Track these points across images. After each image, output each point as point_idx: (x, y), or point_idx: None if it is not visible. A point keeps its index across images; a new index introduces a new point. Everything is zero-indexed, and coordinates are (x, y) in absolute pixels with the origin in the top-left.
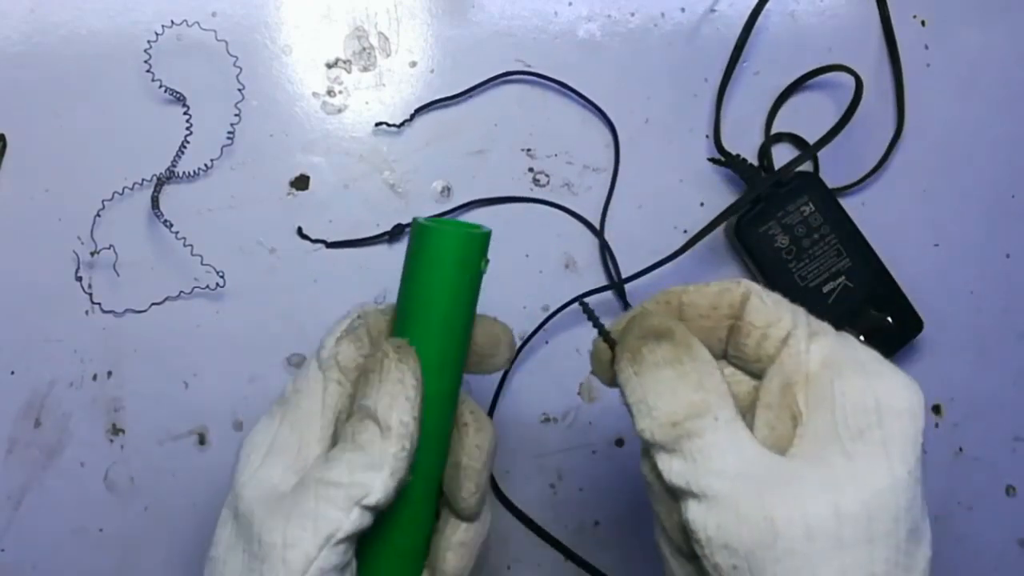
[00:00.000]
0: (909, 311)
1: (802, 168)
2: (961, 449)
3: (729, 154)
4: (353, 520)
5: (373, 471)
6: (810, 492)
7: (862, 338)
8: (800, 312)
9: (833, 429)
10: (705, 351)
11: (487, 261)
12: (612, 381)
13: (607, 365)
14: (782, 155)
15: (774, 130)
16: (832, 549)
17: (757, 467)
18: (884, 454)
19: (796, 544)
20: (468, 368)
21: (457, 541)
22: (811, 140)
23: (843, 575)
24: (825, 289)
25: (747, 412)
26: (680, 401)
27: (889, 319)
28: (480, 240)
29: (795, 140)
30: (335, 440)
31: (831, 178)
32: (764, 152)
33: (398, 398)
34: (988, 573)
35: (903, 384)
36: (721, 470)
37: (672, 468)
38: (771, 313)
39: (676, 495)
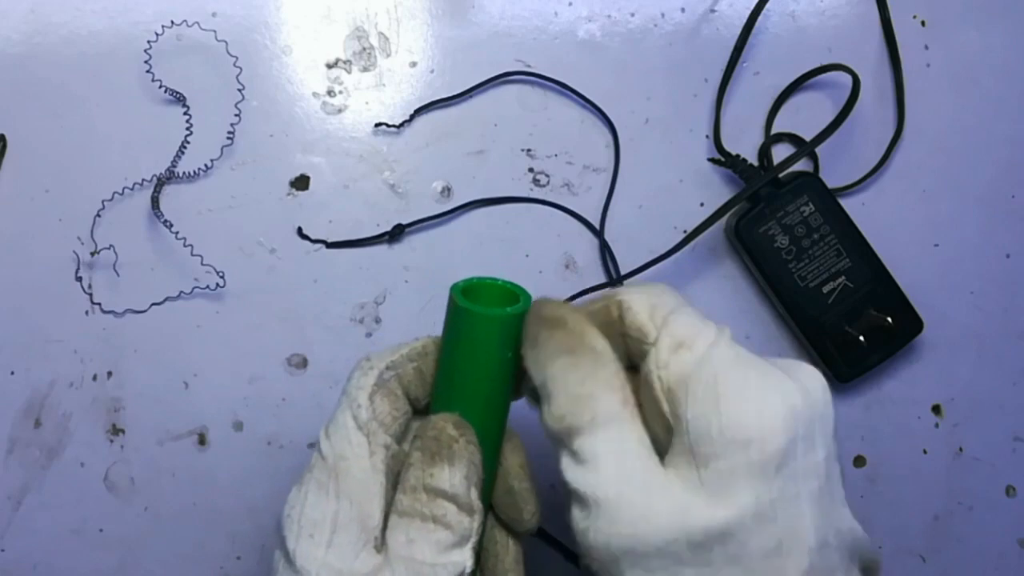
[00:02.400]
0: (909, 311)
1: (802, 168)
2: (961, 449)
3: (729, 154)
4: None
5: (462, 547)
6: (665, 512)
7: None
8: (675, 318)
9: (687, 451)
10: (600, 340)
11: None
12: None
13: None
14: (782, 155)
15: (774, 130)
16: (677, 565)
17: (629, 475)
18: (727, 484)
19: (649, 560)
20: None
21: (514, 560)
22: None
23: None
24: (825, 289)
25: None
26: (568, 394)
27: (889, 319)
28: (521, 317)
29: (795, 140)
30: (391, 505)
31: (831, 178)
32: (764, 152)
33: (472, 478)
34: (988, 573)
35: (754, 408)
36: (597, 478)
37: (561, 463)
38: (641, 324)
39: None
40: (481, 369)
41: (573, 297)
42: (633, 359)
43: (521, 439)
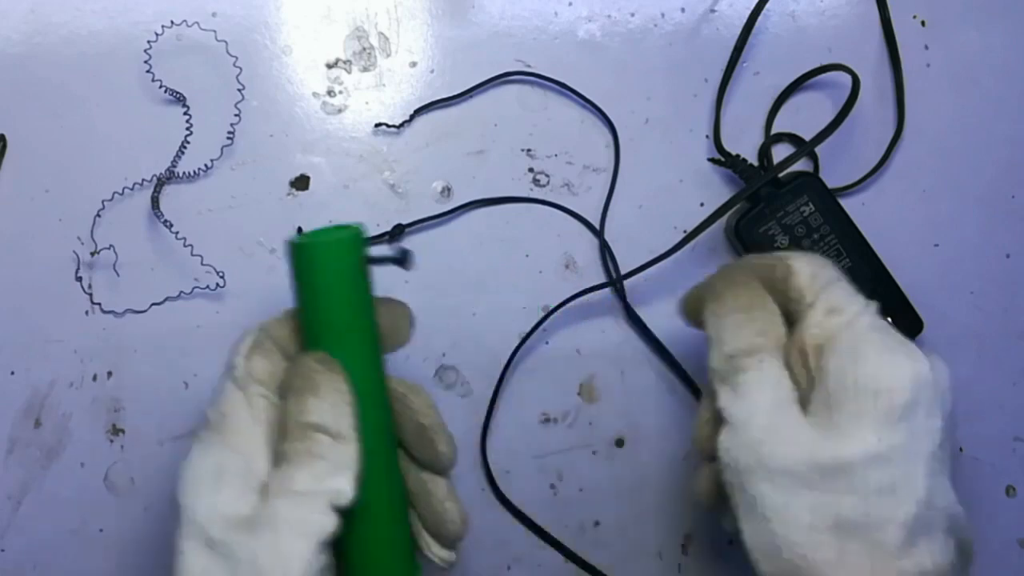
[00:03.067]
0: (909, 311)
1: (802, 168)
2: (961, 449)
3: (729, 154)
4: (333, 522)
5: (339, 474)
6: (800, 441)
7: (889, 320)
8: (832, 287)
9: (826, 397)
10: (774, 306)
11: (366, 251)
12: (695, 319)
13: (694, 307)
14: (782, 155)
15: (774, 130)
16: (800, 486)
17: (776, 410)
18: (857, 426)
19: (777, 476)
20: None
21: (445, 494)
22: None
23: (812, 511)
24: None
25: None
26: (741, 340)
27: (889, 320)
28: (349, 243)
29: (795, 140)
30: (276, 453)
31: (831, 178)
32: (764, 152)
33: (341, 407)
34: (988, 573)
35: (887, 366)
36: (750, 404)
37: (720, 394)
38: (803, 287)
39: (719, 420)
40: (324, 299)
41: (575, 297)
42: (788, 314)
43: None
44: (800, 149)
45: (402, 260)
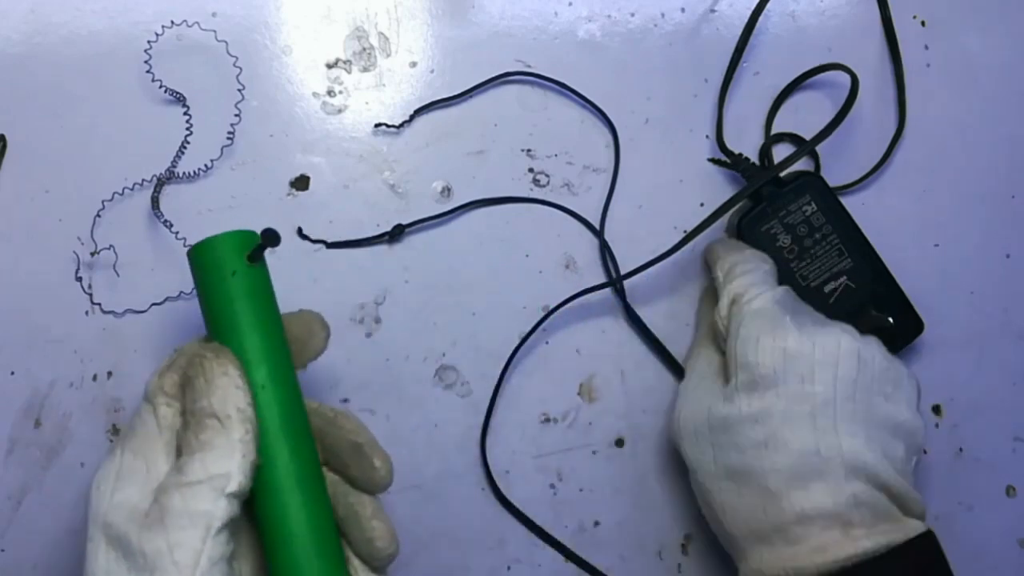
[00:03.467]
0: (910, 312)
1: (804, 168)
2: (961, 449)
3: (732, 152)
4: (223, 509)
5: (226, 460)
6: (702, 405)
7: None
8: (737, 280)
9: (726, 372)
10: (763, 257)
11: (254, 255)
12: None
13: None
14: (783, 155)
15: (774, 130)
16: (703, 443)
17: (699, 382)
18: (735, 394)
19: (690, 438)
20: (296, 360)
21: (375, 509)
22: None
23: (714, 463)
24: (827, 289)
25: None
26: (699, 328)
27: (890, 320)
28: (219, 243)
29: (795, 139)
30: (178, 455)
31: (831, 178)
32: (764, 152)
33: (228, 389)
34: (988, 573)
35: (752, 346)
36: (688, 378)
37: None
38: (719, 276)
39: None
40: (214, 296)
41: (575, 296)
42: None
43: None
44: (801, 148)
45: (268, 240)
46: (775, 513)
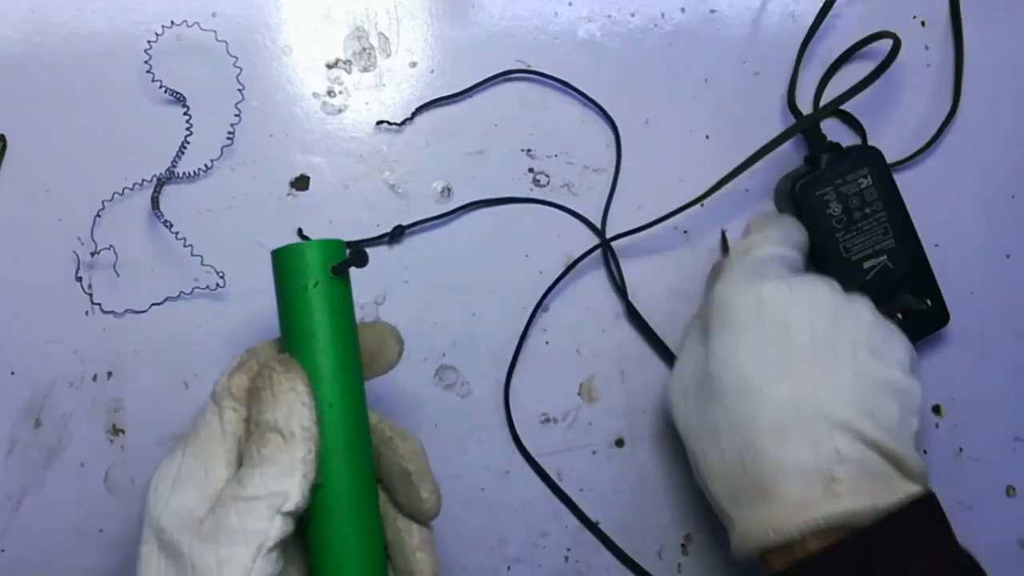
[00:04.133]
0: (939, 302)
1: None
2: (961, 449)
3: (800, 112)
4: (278, 527)
5: (286, 478)
6: (692, 362)
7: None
8: (758, 233)
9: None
10: (798, 227)
11: (339, 269)
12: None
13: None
14: (831, 129)
15: (822, 102)
16: (693, 396)
17: (693, 341)
18: (712, 339)
19: (682, 393)
20: (366, 372)
21: (422, 541)
22: (858, 115)
23: (698, 419)
24: (866, 265)
25: None
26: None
27: (928, 302)
28: (305, 251)
29: (842, 115)
30: (240, 462)
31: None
32: (814, 125)
33: (295, 406)
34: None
35: (727, 286)
36: (684, 341)
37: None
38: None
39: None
40: (292, 304)
41: (567, 271)
42: None
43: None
44: (827, 106)
45: (356, 259)
46: (754, 469)
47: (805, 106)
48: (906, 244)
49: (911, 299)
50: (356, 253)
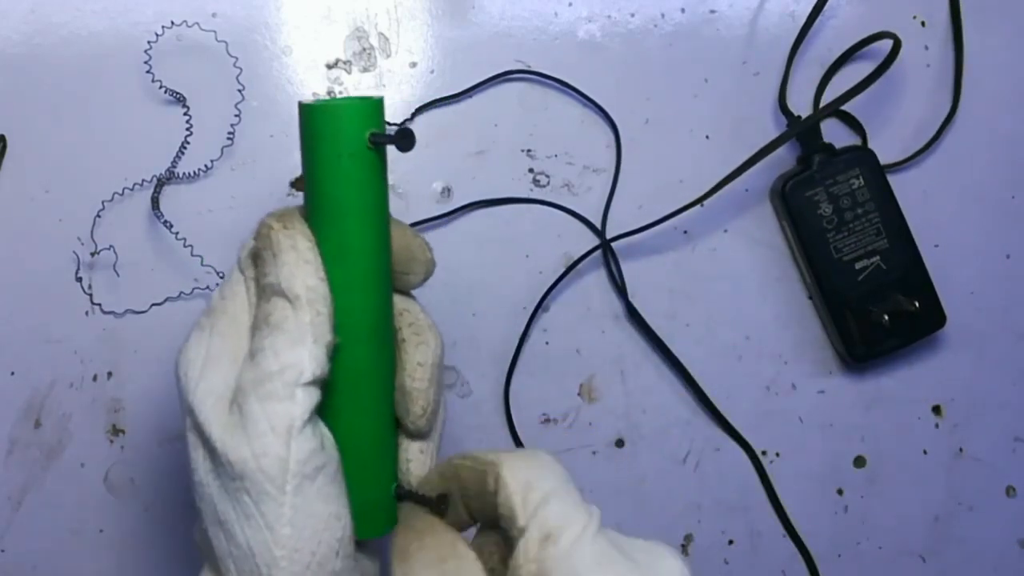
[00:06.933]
0: (935, 304)
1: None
2: (961, 449)
3: (792, 114)
4: (301, 403)
5: (298, 346)
6: None
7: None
8: (550, 503)
9: None
10: (468, 550)
11: (379, 136)
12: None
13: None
14: (830, 130)
15: (822, 103)
16: None
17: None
18: None
19: None
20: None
21: (417, 449)
22: (858, 115)
23: None
24: (858, 266)
25: None
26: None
27: (916, 304)
28: (344, 113)
29: (842, 115)
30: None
31: None
32: (813, 125)
33: (297, 264)
34: (988, 573)
35: None
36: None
37: None
38: (513, 507)
39: None
40: (321, 166)
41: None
42: (504, 531)
43: (441, 337)
44: (828, 106)
45: (400, 139)
46: None
47: (803, 106)
48: (900, 245)
49: (902, 300)
50: (402, 133)
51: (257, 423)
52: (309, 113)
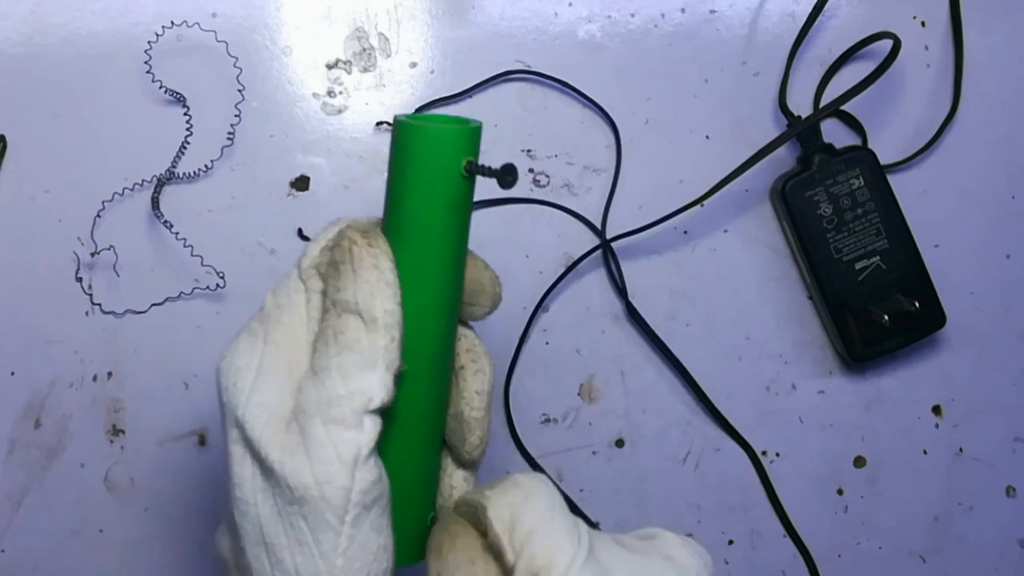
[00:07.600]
0: (935, 305)
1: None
2: (961, 450)
3: (792, 114)
4: (368, 431)
5: (368, 371)
6: None
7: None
8: (536, 536)
9: None
10: (492, 560)
11: (473, 163)
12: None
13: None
14: (831, 130)
15: (822, 103)
16: None
17: None
18: None
19: None
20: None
21: (461, 477)
22: (858, 115)
23: None
24: (858, 266)
25: None
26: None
27: (916, 304)
28: (453, 135)
29: (842, 115)
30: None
31: None
32: (814, 125)
33: (378, 285)
34: (988, 573)
35: None
36: None
37: None
38: (501, 544)
39: None
40: (413, 188)
41: (560, 279)
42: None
43: (495, 365)
44: (826, 107)
45: (504, 175)
46: None
47: (803, 106)
48: (900, 245)
49: (903, 300)
50: (506, 169)
51: (322, 448)
52: (408, 132)
